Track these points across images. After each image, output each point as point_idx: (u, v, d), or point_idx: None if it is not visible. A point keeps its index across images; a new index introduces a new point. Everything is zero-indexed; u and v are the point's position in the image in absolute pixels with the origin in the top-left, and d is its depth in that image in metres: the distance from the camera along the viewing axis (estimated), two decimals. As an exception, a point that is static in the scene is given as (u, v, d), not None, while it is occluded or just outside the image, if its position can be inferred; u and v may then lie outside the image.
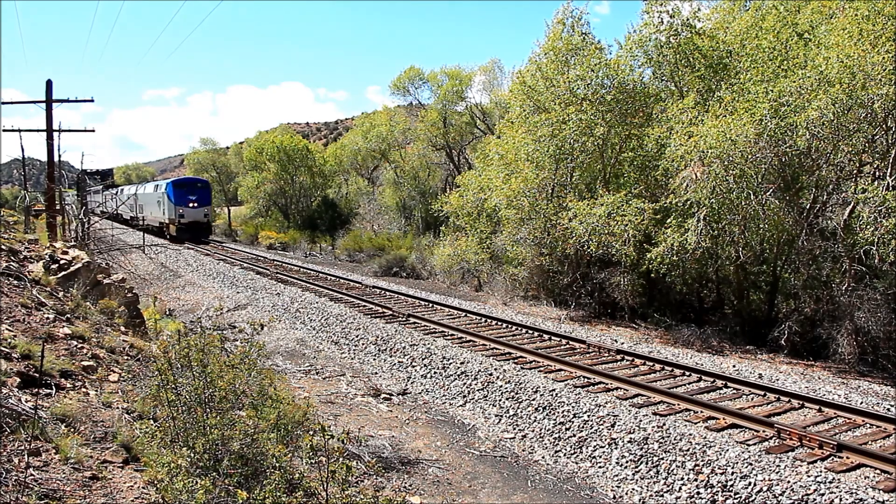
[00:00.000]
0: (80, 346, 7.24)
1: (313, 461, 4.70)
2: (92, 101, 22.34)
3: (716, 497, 6.50)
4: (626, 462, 7.48)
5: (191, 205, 35.66)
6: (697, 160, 12.60)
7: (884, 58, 10.90)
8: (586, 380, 9.85)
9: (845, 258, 12.08)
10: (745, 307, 14.34)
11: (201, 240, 35.81)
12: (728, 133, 12.21)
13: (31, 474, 3.99)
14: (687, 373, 10.19)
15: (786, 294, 14.00)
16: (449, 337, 12.89)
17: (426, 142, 34.01)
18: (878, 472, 6.52)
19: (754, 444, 7.32)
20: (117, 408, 5.79)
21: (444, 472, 7.57)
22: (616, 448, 7.72)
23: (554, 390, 9.28)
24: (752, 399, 9.00)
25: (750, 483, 6.44)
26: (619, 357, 11.25)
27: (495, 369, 10.42)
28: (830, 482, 6.22)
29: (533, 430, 8.67)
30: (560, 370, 10.39)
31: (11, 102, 21.72)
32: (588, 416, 8.43)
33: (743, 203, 12.65)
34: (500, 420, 9.20)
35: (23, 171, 33.51)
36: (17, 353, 6.07)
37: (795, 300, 13.34)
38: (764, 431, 7.60)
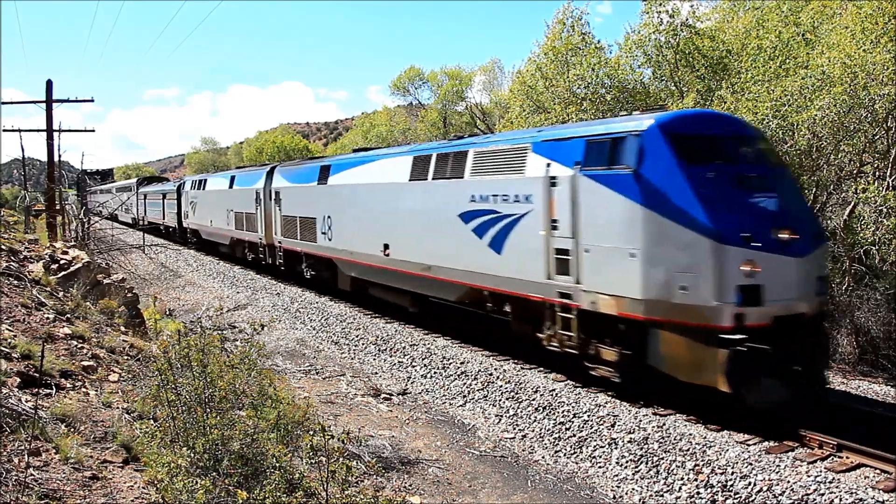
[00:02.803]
0: (80, 346, 7.25)
1: (313, 461, 4.70)
2: (92, 100, 22.42)
3: (716, 497, 6.50)
4: (626, 462, 7.47)
5: (783, 235, 7.19)
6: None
7: (885, 57, 10.90)
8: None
9: (845, 258, 12.07)
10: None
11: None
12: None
13: (31, 474, 3.99)
14: (687, 373, 10.15)
15: (786, 294, 13.96)
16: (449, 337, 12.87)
17: (426, 142, 34.02)
18: (877, 472, 6.52)
19: (754, 443, 7.31)
20: (117, 408, 5.79)
21: (444, 472, 7.56)
22: (616, 448, 7.72)
23: (554, 390, 9.27)
24: (753, 399, 8.97)
25: (750, 483, 6.44)
26: (619, 357, 11.21)
27: (495, 369, 10.41)
28: (830, 482, 6.21)
29: (533, 430, 8.67)
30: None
31: (11, 102, 21.76)
32: (588, 415, 8.43)
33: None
34: (500, 420, 9.20)
35: (23, 171, 33.55)
36: (17, 353, 6.07)
37: (796, 300, 13.31)
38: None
